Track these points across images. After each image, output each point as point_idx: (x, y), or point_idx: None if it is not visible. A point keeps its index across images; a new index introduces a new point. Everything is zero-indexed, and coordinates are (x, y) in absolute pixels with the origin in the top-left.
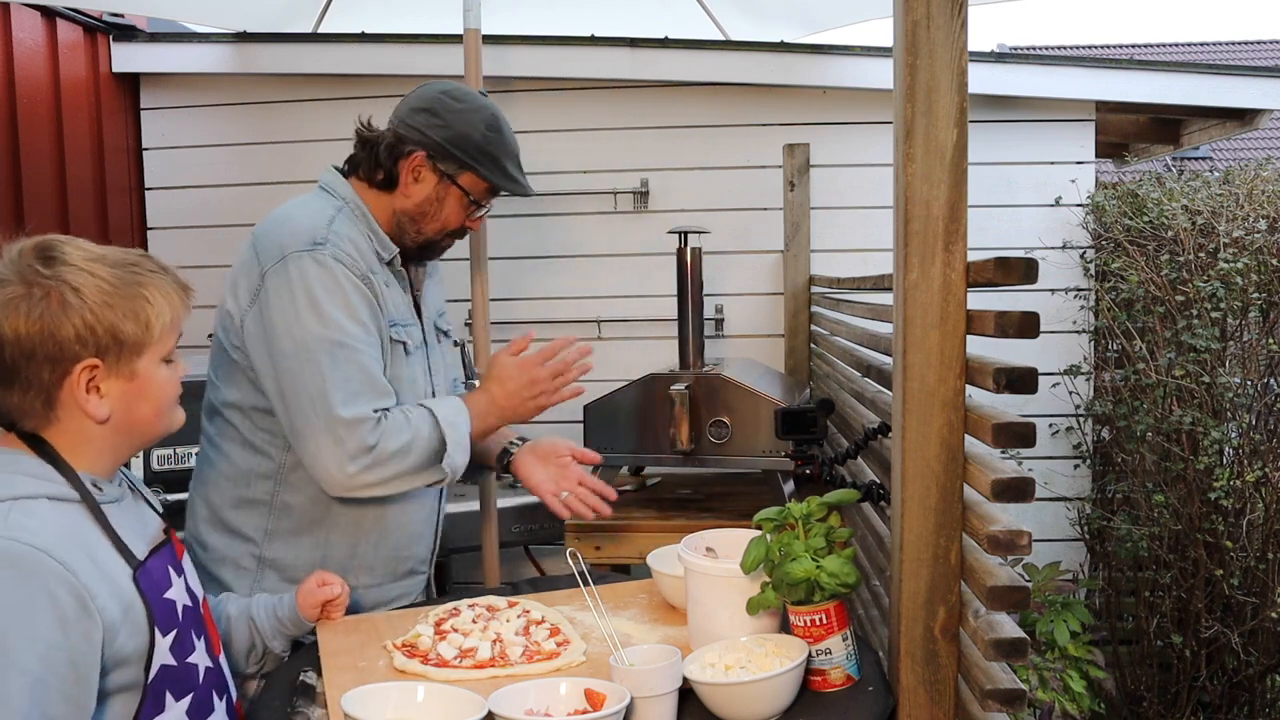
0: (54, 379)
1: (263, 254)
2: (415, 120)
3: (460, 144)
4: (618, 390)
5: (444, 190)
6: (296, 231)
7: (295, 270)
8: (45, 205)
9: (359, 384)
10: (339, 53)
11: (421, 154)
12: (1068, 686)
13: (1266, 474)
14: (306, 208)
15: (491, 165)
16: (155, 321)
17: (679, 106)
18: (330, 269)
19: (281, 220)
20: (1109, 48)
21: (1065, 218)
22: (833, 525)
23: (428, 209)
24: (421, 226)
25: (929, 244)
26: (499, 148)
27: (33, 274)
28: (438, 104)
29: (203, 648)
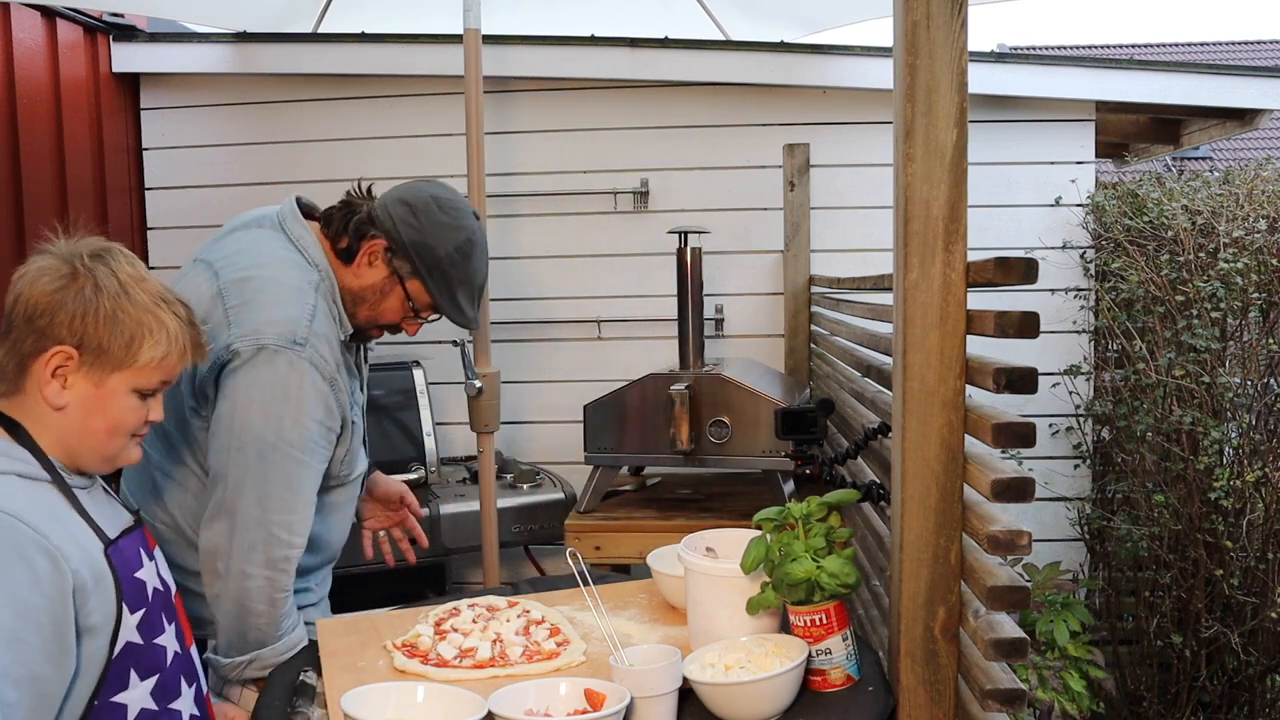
0: (33, 349)
1: (236, 323)
2: (395, 210)
3: (422, 252)
4: (618, 390)
5: (389, 285)
6: (277, 321)
7: (266, 364)
8: (45, 205)
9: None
10: (339, 53)
11: (383, 242)
12: (1068, 686)
13: (1266, 474)
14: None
15: (442, 285)
16: (143, 353)
17: (679, 106)
18: (303, 373)
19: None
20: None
21: (1065, 218)
22: (833, 525)
23: (369, 296)
24: (357, 310)
25: (929, 244)
26: (457, 272)
27: (78, 260)
28: (423, 206)
29: (172, 633)
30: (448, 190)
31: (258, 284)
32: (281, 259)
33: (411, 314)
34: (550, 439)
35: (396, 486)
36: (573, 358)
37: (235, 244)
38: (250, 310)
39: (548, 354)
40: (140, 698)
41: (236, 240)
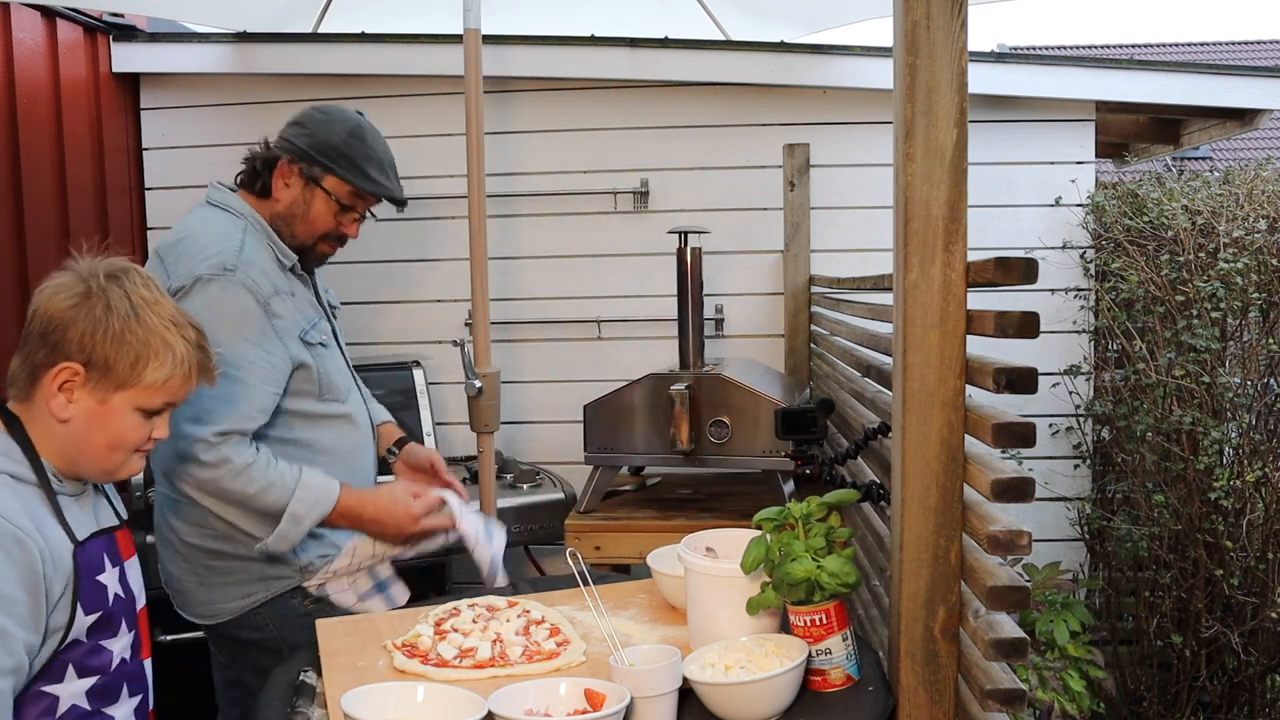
0: (44, 361)
1: (173, 272)
2: (287, 133)
3: (320, 149)
4: (618, 390)
5: (310, 194)
6: (208, 255)
7: (200, 295)
8: (45, 205)
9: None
10: (339, 53)
11: (286, 160)
12: (1068, 686)
13: (1266, 474)
14: (215, 228)
15: (350, 168)
16: (148, 374)
17: (679, 106)
18: (234, 295)
19: (191, 240)
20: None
21: (1065, 218)
22: (833, 525)
23: (296, 211)
24: (294, 230)
25: (929, 244)
26: (359, 153)
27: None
28: (306, 117)
29: (126, 641)
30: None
31: (187, 239)
32: (205, 218)
33: (340, 210)
34: (550, 439)
35: (426, 453)
36: (573, 358)
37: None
38: (183, 258)
39: (548, 354)
40: (73, 694)
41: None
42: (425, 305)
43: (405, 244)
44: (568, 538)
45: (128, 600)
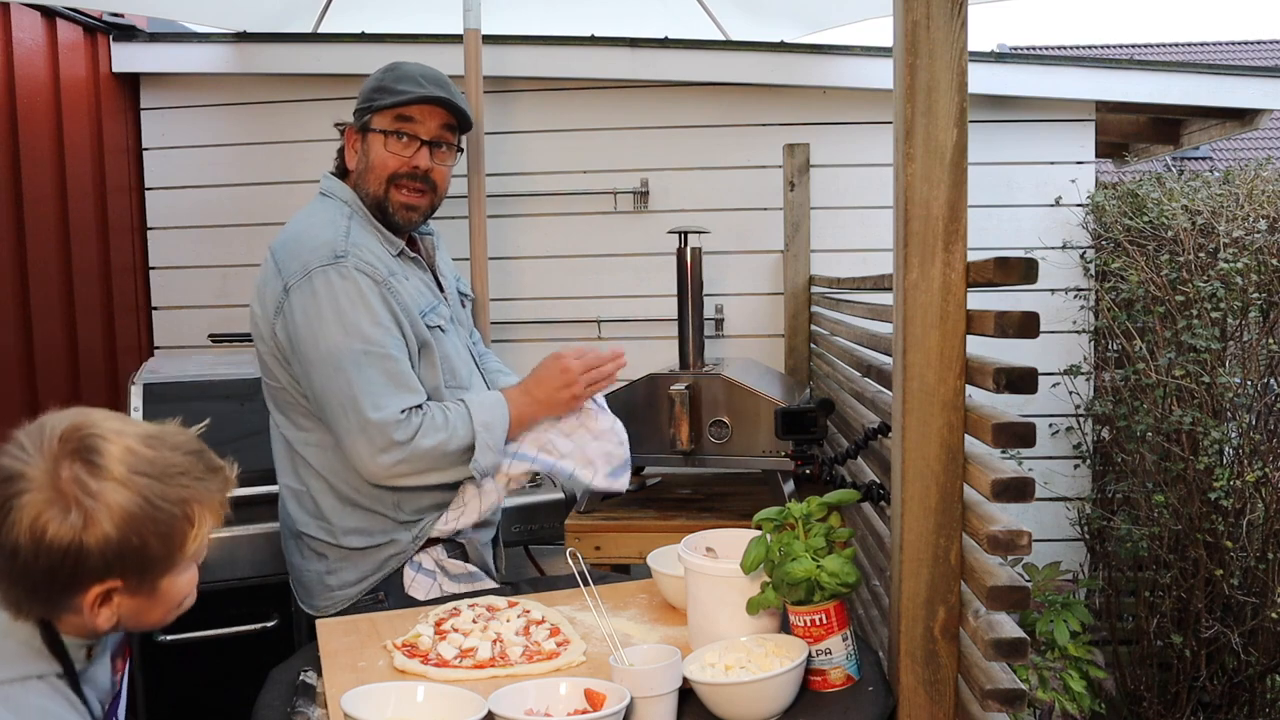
0: (67, 596)
1: (285, 268)
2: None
3: (362, 98)
4: (618, 390)
5: (365, 143)
6: (317, 246)
7: (321, 283)
8: (45, 205)
9: (382, 386)
10: (339, 53)
11: (349, 128)
12: (1068, 686)
13: (1266, 474)
14: (320, 219)
15: (383, 93)
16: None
17: (679, 106)
18: (354, 279)
19: (299, 235)
20: (1109, 48)
21: (1065, 218)
22: (833, 525)
23: (361, 166)
24: (367, 187)
25: (929, 244)
26: (389, 77)
27: (69, 483)
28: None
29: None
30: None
31: (292, 233)
32: (312, 210)
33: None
34: None
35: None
36: None
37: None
38: (292, 251)
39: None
40: None
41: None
42: None
43: None
44: (568, 538)
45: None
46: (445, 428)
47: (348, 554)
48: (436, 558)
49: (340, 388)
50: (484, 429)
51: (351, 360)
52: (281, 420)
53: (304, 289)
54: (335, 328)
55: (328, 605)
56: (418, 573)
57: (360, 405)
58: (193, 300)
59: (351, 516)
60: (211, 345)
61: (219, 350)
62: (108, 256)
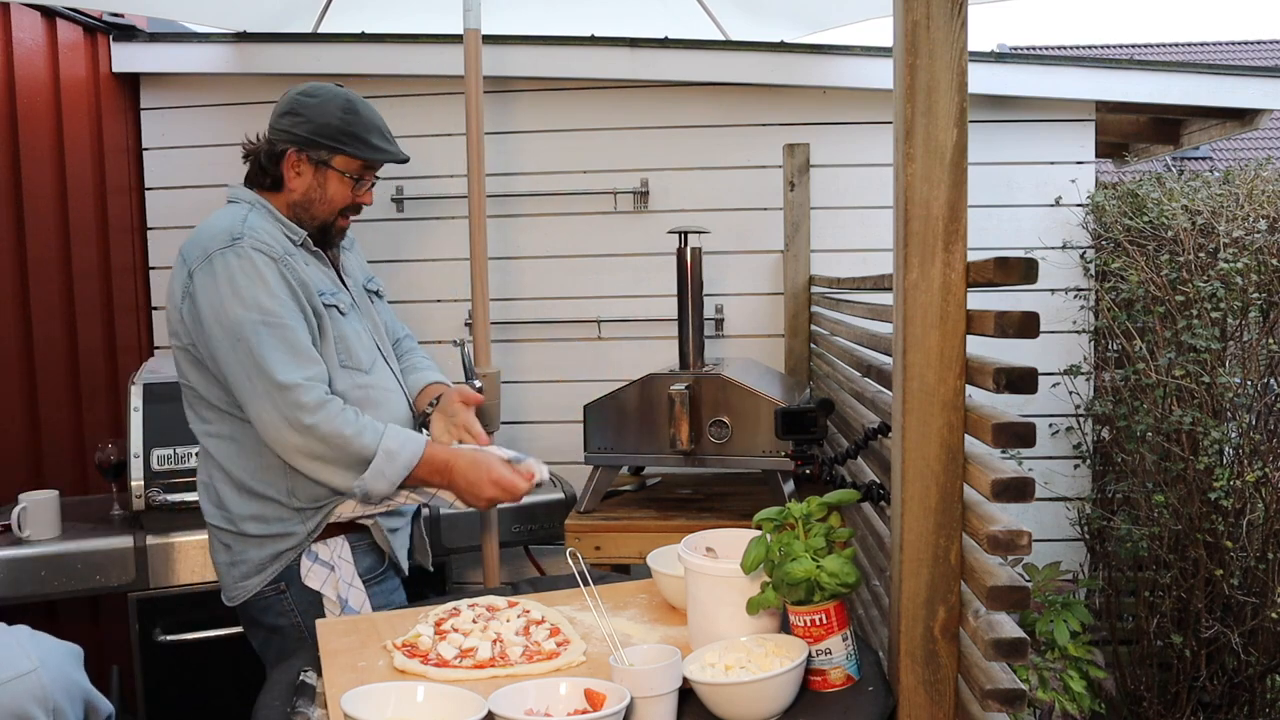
0: None
1: (188, 257)
2: (281, 124)
3: (322, 133)
4: (618, 390)
5: (322, 176)
6: (215, 233)
7: (220, 264)
8: (45, 205)
9: (284, 354)
10: (339, 53)
11: (293, 150)
12: (1068, 686)
13: (1266, 474)
14: (221, 215)
15: (355, 142)
16: None
17: (679, 106)
18: (249, 257)
19: (200, 229)
20: (1109, 48)
21: (1065, 218)
22: (833, 525)
23: (313, 195)
24: (314, 212)
25: (929, 244)
26: (357, 125)
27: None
28: (295, 104)
29: None
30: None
31: (195, 231)
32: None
33: (353, 184)
34: (550, 439)
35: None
36: (573, 358)
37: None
38: (193, 244)
39: (548, 354)
40: None
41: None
42: (425, 305)
43: (405, 244)
44: (568, 538)
45: None
46: (353, 425)
47: (246, 542)
48: (336, 549)
49: (242, 358)
50: (386, 455)
51: (251, 329)
52: (192, 417)
53: (205, 271)
54: (234, 302)
55: (236, 595)
56: (314, 563)
57: (265, 371)
58: None
59: (248, 504)
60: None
61: None
62: (108, 256)
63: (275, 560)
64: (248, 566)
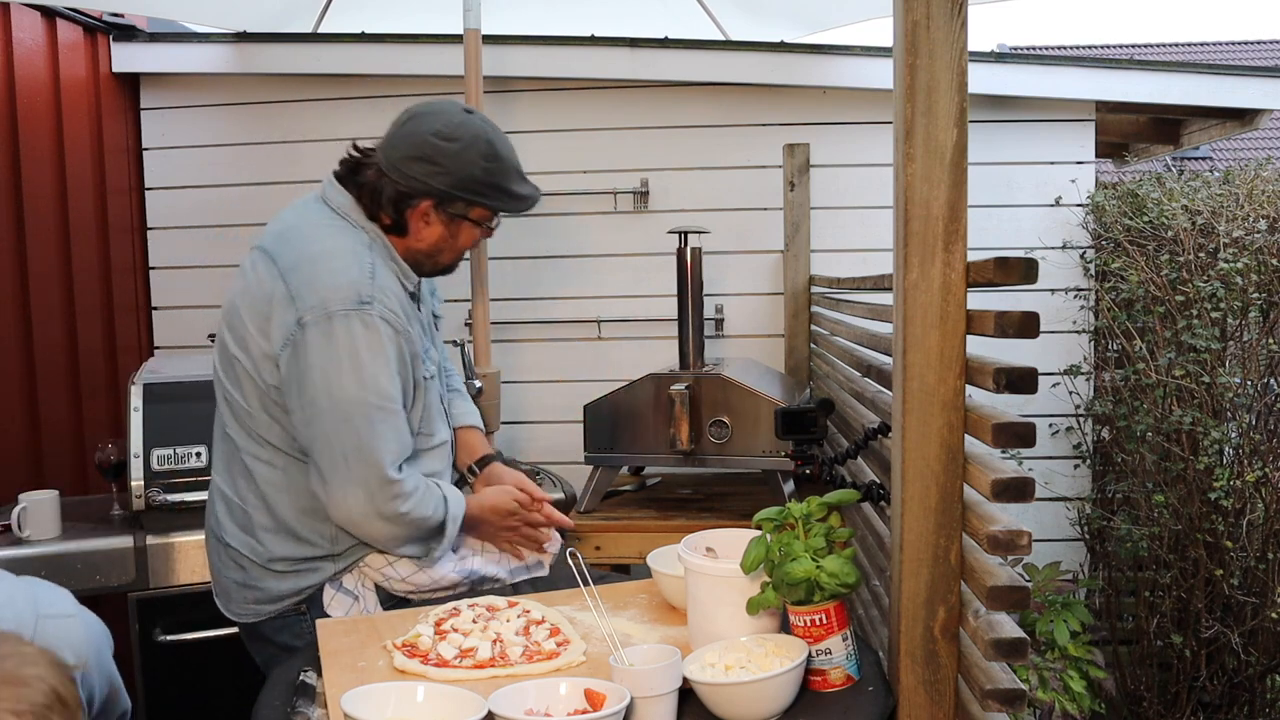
0: None
1: (300, 299)
2: (414, 171)
3: (464, 186)
4: (618, 390)
5: (455, 228)
6: (340, 285)
7: (341, 328)
8: (45, 205)
9: (395, 442)
10: (339, 53)
11: (429, 202)
12: (1068, 686)
13: (1266, 474)
14: (340, 246)
15: (497, 193)
16: None
17: (679, 106)
18: (376, 328)
19: (317, 261)
20: (1109, 48)
21: (1065, 218)
22: (833, 525)
23: (442, 246)
24: (439, 260)
25: (929, 244)
26: (501, 174)
27: None
28: (432, 150)
29: None
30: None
31: (312, 255)
32: (329, 228)
33: (486, 230)
34: (550, 439)
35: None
36: (573, 358)
37: (282, 225)
38: (311, 283)
39: (548, 354)
40: None
41: (283, 221)
42: None
43: None
44: (568, 538)
45: None
46: (431, 504)
47: (266, 574)
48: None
49: (345, 438)
50: (453, 522)
51: (363, 414)
52: (237, 432)
53: (322, 330)
54: (351, 378)
55: (245, 615)
56: (339, 591)
57: (373, 461)
58: (193, 300)
59: (283, 544)
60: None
61: None
62: (108, 256)
63: (296, 593)
64: (263, 594)
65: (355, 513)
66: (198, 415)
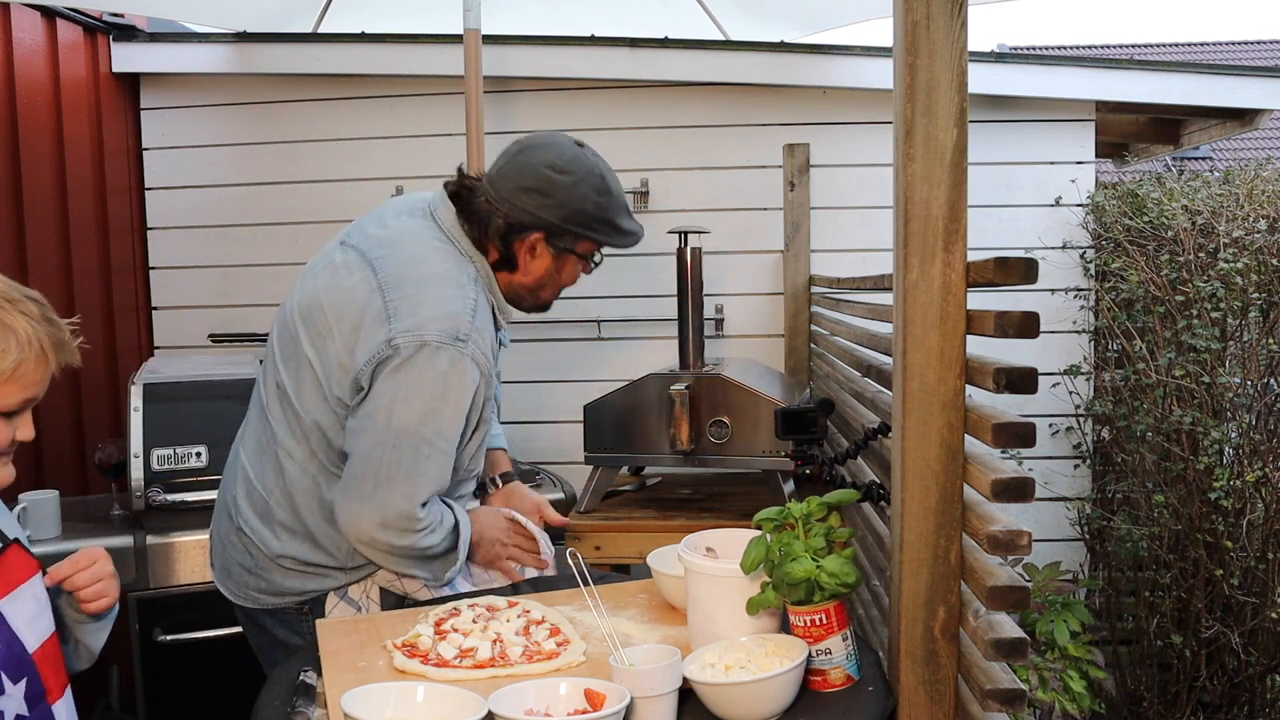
0: None
1: (396, 318)
2: (526, 203)
3: (575, 220)
4: (618, 390)
5: (562, 261)
6: (440, 315)
7: (427, 361)
8: (45, 205)
9: (434, 482)
10: (339, 53)
11: (539, 235)
12: (1068, 686)
13: (1266, 474)
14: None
15: (606, 228)
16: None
17: (679, 106)
18: (463, 369)
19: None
20: (1109, 48)
21: (1065, 218)
22: (833, 525)
23: (547, 281)
24: (540, 295)
25: (929, 244)
26: (612, 210)
27: None
28: (547, 184)
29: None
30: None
31: (419, 278)
32: (438, 251)
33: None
34: (550, 439)
35: (533, 499)
36: (573, 358)
37: (388, 232)
38: (412, 305)
39: (548, 354)
40: None
41: (388, 228)
42: None
43: None
44: (568, 538)
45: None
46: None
47: (275, 567)
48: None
49: (389, 463)
50: (463, 547)
51: (414, 445)
52: (276, 416)
53: (411, 355)
54: (419, 408)
55: (243, 598)
56: (342, 599)
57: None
58: (193, 300)
59: (299, 546)
60: (211, 345)
61: (219, 350)
62: (108, 256)
63: (300, 594)
64: (268, 586)
65: (363, 532)
66: (198, 415)
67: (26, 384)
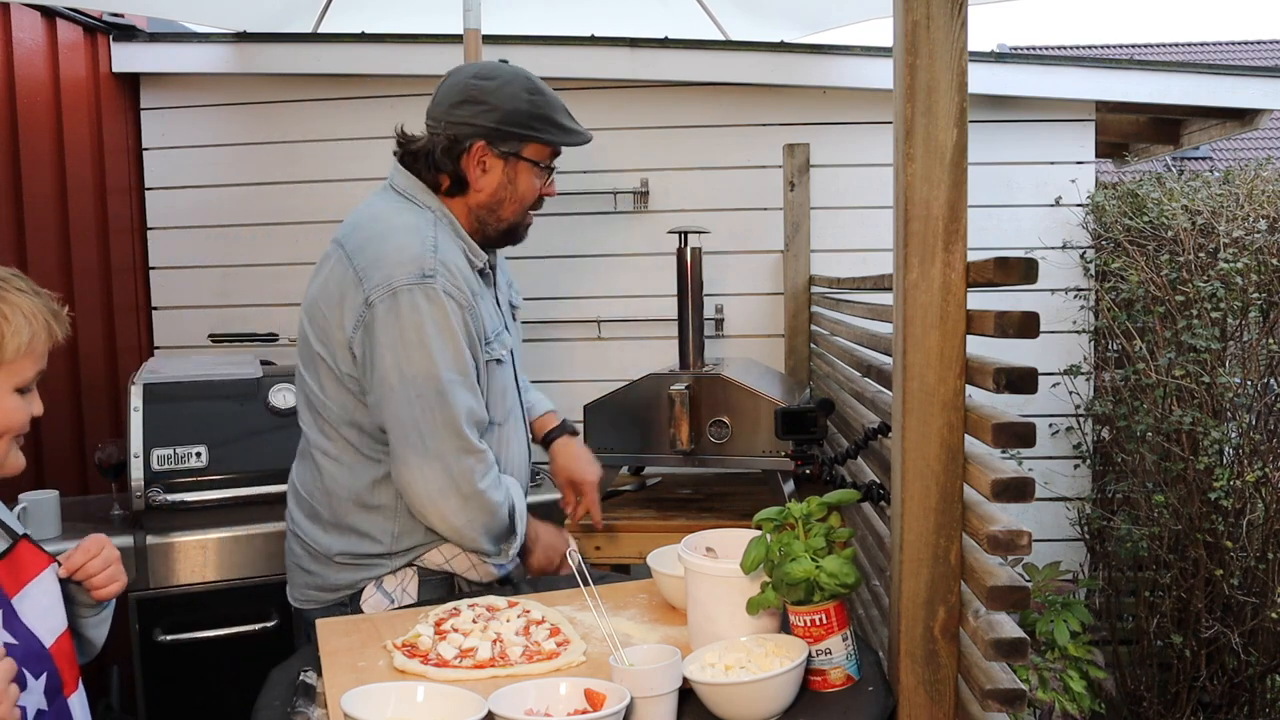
0: None
1: (366, 278)
2: (459, 115)
3: (512, 120)
4: (618, 390)
5: (513, 170)
6: (403, 260)
7: (406, 305)
8: (45, 205)
9: (470, 414)
10: (339, 53)
11: (481, 143)
12: (1068, 686)
13: (1266, 474)
14: (403, 223)
15: (549, 126)
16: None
17: (679, 106)
18: (441, 303)
19: (381, 239)
20: (1109, 48)
21: (1065, 218)
22: (833, 525)
23: (502, 194)
24: (501, 214)
25: (929, 244)
26: (547, 106)
27: None
28: (476, 91)
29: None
30: (467, 66)
31: (376, 237)
32: (393, 208)
33: (545, 174)
34: None
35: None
36: (573, 358)
37: (355, 216)
38: (376, 262)
39: (548, 354)
40: None
41: (356, 213)
42: None
43: None
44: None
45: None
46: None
47: (330, 564)
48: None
49: (421, 415)
50: (520, 519)
51: (434, 388)
52: (307, 419)
53: (388, 307)
54: (420, 354)
55: (302, 600)
56: (377, 590)
57: (454, 431)
58: (193, 300)
59: (345, 540)
60: (211, 345)
61: (219, 350)
62: (108, 256)
63: (351, 586)
64: (321, 581)
65: (433, 488)
66: (198, 415)
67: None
